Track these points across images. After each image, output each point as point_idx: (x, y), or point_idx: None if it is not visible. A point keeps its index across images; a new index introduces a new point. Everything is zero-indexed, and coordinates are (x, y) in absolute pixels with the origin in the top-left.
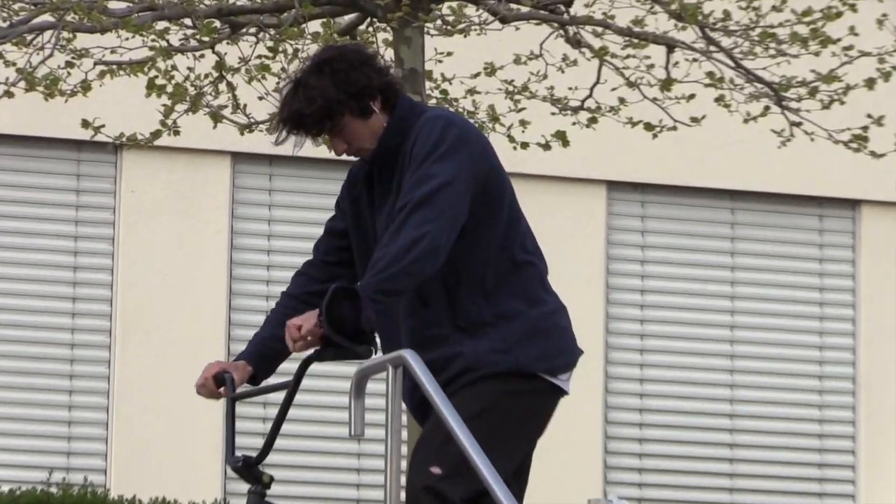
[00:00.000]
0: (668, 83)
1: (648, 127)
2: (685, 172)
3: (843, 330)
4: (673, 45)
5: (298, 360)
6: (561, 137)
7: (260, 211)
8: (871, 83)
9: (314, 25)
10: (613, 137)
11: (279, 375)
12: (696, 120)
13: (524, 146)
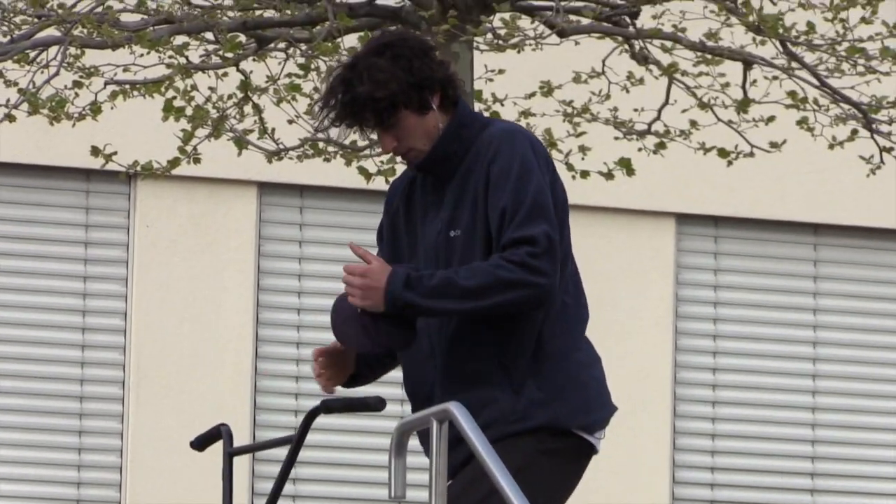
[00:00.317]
0: (744, 104)
1: (723, 153)
2: (763, 204)
3: None
4: (750, 61)
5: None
6: (625, 165)
7: (289, 248)
8: None
9: (350, 40)
10: (684, 165)
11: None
12: (775, 145)
13: (584, 175)
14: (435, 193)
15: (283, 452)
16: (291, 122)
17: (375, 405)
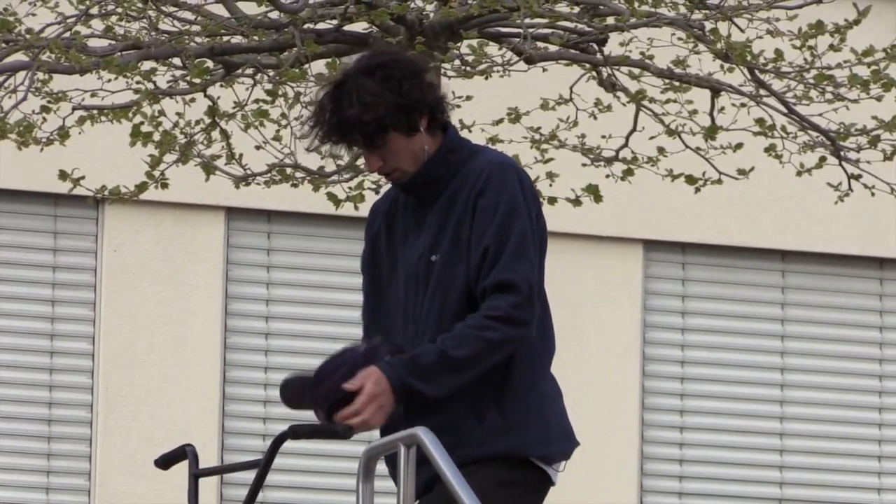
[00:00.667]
0: (712, 131)
1: (690, 180)
2: (731, 231)
3: None
4: (718, 88)
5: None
6: (593, 192)
7: (257, 273)
8: None
9: (318, 66)
10: (651, 192)
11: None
12: (743, 172)
13: (552, 201)
14: (416, 216)
15: (251, 476)
16: (259, 147)
17: (343, 432)
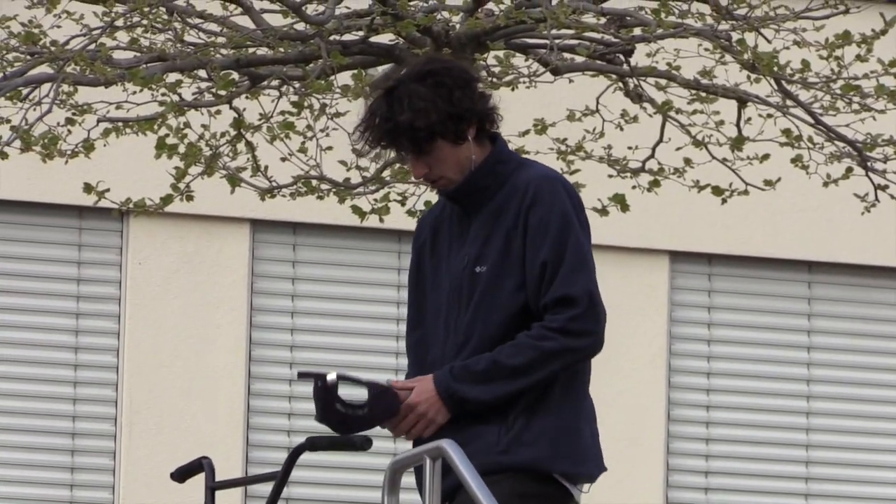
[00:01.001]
0: (739, 142)
1: (717, 191)
2: (757, 242)
3: None
4: (745, 99)
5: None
6: (619, 201)
7: (282, 285)
8: None
9: (344, 78)
10: (678, 203)
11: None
12: (770, 183)
13: None
14: (460, 226)
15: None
16: (284, 159)
17: (361, 444)
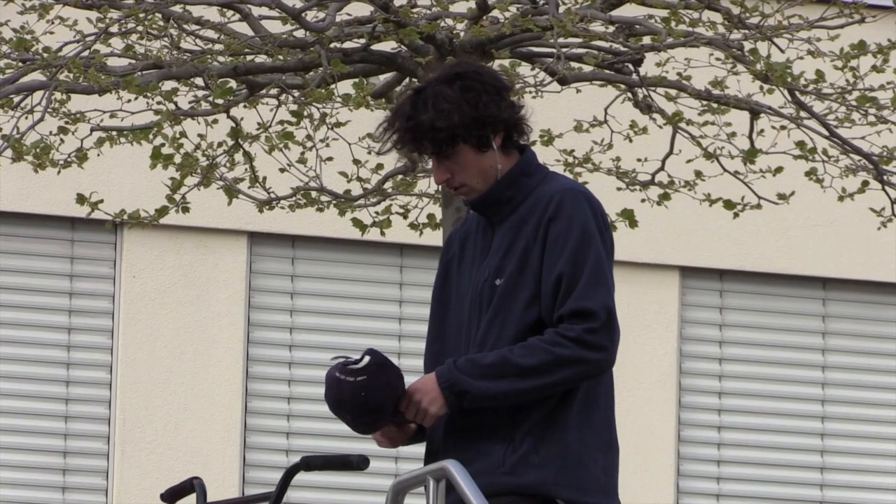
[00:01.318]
0: (751, 154)
1: (729, 205)
2: (770, 257)
3: None
4: (758, 110)
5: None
6: (628, 217)
7: (280, 299)
8: None
9: (344, 86)
10: (688, 217)
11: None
12: (783, 197)
13: None
14: (485, 238)
15: None
16: (283, 170)
17: (357, 464)
